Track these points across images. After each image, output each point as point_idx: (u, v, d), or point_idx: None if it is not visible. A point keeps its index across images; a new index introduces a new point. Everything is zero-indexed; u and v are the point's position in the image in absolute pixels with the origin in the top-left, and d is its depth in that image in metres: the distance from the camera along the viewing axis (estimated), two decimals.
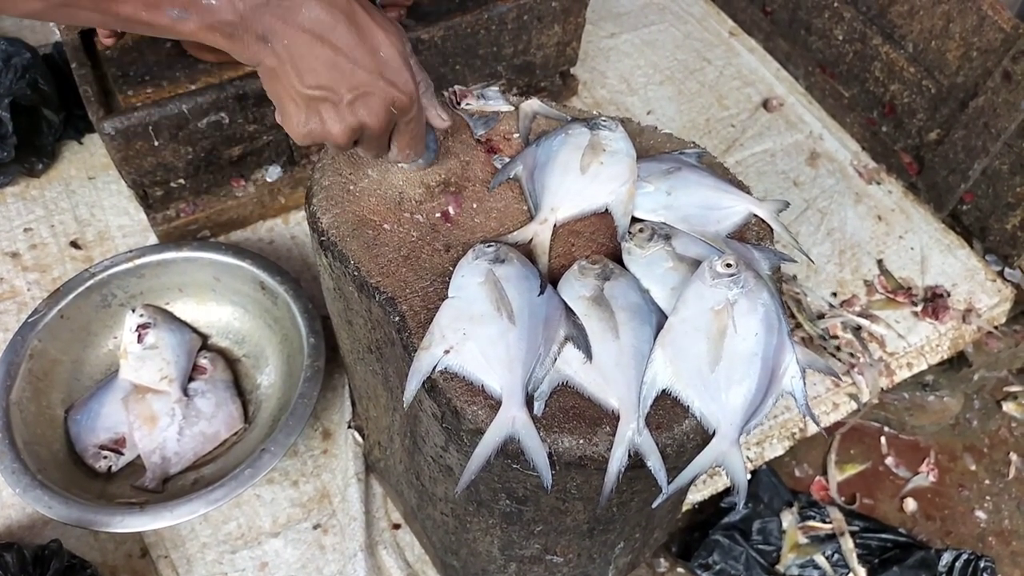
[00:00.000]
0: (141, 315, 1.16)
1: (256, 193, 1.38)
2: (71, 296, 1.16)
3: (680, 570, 1.36)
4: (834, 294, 1.47)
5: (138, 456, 1.12)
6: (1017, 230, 1.46)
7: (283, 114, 0.70)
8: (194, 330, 1.23)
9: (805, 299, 1.43)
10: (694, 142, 0.93)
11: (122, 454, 1.12)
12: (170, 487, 1.10)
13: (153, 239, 1.37)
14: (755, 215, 0.85)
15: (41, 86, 1.41)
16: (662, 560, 1.36)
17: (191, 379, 1.17)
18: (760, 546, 1.34)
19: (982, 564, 1.32)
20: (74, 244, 1.40)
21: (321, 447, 1.22)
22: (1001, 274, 1.51)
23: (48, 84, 1.43)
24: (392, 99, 0.68)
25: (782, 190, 1.60)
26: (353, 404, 1.23)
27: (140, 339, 1.14)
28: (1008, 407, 1.61)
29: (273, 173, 1.39)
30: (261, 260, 1.20)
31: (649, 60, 1.80)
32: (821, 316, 1.42)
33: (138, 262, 1.20)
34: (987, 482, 1.52)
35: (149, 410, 1.12)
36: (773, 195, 1.58)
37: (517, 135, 0.91)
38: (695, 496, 1.28)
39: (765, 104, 1.74)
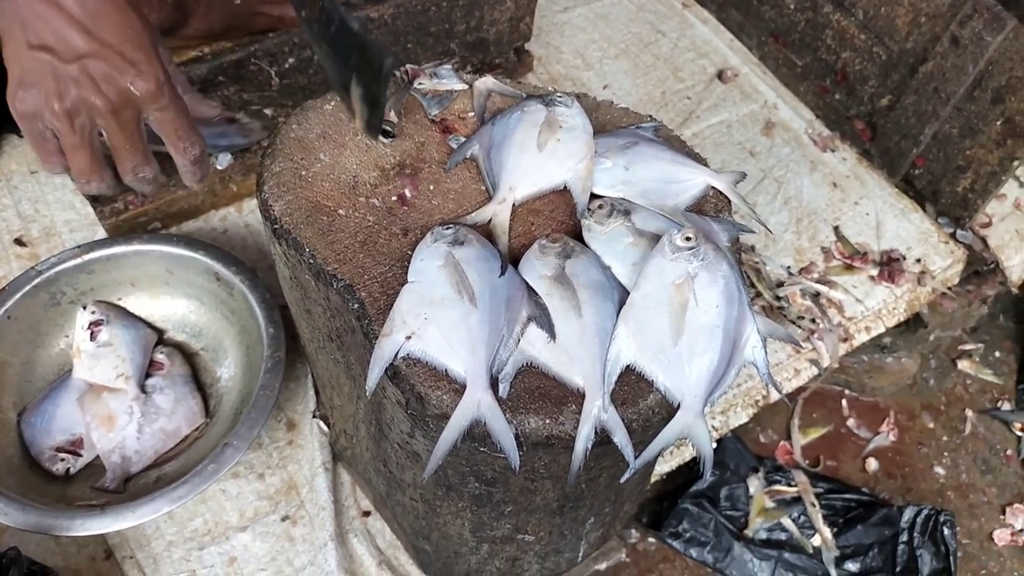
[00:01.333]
0: (93, 312, 1.12)
1: (207, 182, 1.34)
2: (17, 296, 1.12)
3: (651, 540, 1.37)
4: (789, 269, 1.48)
5: (97, 457, 1.09)
6: (968, 192, 1.49)
7: (8, 80, 0.64)
8: (149, 325, 1.20)
9: (764, 268, 1.44)
10: (651, 116, 0.93)
11: (80, 455, 1.09)
12: (132, 486, 1.07)
13: (102, 233, 1.33)
14: (713, 187, 0.85)
15: None
16: (633, 531, 1.37)
17: (148, 375, 1.14)
18: (728, 512, 1.36)
19: (942, 518, 1.36)
20: (18, 241, 1.35)
21: (286, 438, 1.20)
22: (953, 236, 1.54)
23: None
24: (130, 78, 0.63)
25: (739, 161, 1.61)
26: (317, 393, 1.22)
27: (93, 337, 1.11)
28: (963, 365, 1.65)
29: (223, 160, 1.35)
30: (215, 251, 1.17)
31: (603, 34, 1.79)
32: (780, 284, 1.44)
33: (87, 257, 1.16)
34: (945, 439, 1.57)
35: (106, 409, 1.09)
36: (730, 166, 1.58)
37: (472, 114, 0.90)
38: (663, 467, 1.30)
39: (720, 75, 1.74)
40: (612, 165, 0.82)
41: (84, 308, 1.13)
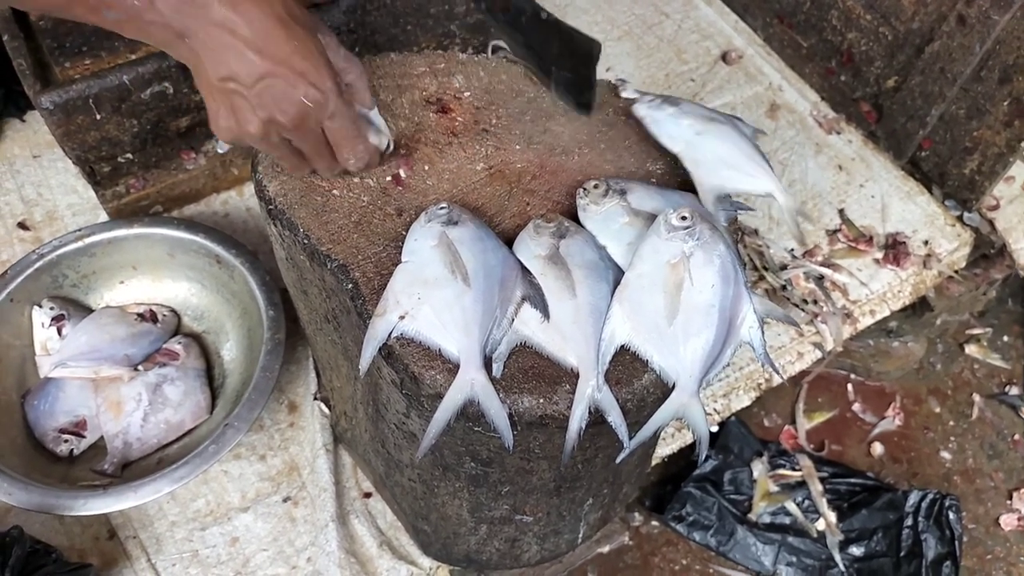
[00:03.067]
0: (52, 307, 1.12)
1: (208, 165, 1.35)
2: (20, 279, 1.13)
3: (654, 523, 1.37)
4: (793, 252, 1.47)
5: (101, 438, 1.10)
6: (975, 174, 1.48)
7: (208, 112, 0.71)
8: (172, 310, 1.21)
9: (768, 251, 1.43)
10: (740, 118, 0.91)
11: (84, 437, 1.10)
12: (132, 469, 1.08)
13: (104, 216, 1.33)
14: (771, 195, 0.84)
15: None
16: (636, 514, 1.38)
17: (163, 364, 1.14)
18: (732, 496, 1.36)
19: (947, 503, 1.35)
20: (22, 225, 1.36)
21: (288, 420, 1.21)
22: (960, 218, 1.53)
23: None
24: (302, 91, 0.67)
25: None
26: (318, 375, 1.22)
27: (60, 332, 1.11)
28: (970, 349, 1.64)
29: (223, 145, 1.34)
30: (216, 234, 1.18)
31: (606, 15, 1.77)
32: (784, 267, 1.43)
33: (88, 241, 1.17)
34: (951, 423, 1.56)
35: (116, 394, 1.10)
36: None
37: (468, 93, 0.89)
38: (664, 450, 1.29)
39: (724, 57, 1.72)
40: (687, 124, 0.83)
41: (40, 306, 1.13)
